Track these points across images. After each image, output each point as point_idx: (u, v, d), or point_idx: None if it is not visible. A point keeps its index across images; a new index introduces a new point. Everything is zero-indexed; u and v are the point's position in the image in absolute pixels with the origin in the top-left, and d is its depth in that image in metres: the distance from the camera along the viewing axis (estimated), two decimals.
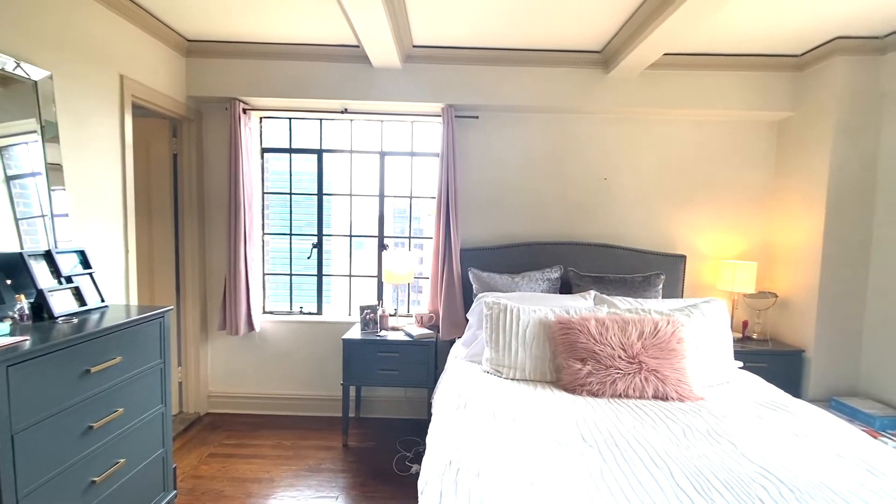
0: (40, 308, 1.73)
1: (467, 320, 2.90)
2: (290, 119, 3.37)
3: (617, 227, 3.27)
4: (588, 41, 2.78)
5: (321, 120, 3.35)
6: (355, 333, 2.97)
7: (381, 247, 3.41)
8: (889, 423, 2.46)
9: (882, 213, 2.73)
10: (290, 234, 3.46)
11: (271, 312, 3.46)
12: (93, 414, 1.65)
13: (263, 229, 3.43)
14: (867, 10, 2.32)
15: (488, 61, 2.98)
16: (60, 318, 1.74)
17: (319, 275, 3.44)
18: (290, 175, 3.42)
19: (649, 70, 2.94)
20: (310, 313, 3.46)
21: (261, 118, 3.37)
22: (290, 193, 3.43)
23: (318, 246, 3.41)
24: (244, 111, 3.05)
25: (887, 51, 2.64)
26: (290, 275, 3.48)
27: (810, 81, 2.91)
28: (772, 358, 2.89)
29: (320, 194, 3.39)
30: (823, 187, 2.80)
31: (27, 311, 1.67)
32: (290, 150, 3.40)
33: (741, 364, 2.58)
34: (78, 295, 1.90)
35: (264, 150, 3.40)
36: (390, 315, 3.23)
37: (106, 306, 2.02)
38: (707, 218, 3.27)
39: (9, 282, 1.71)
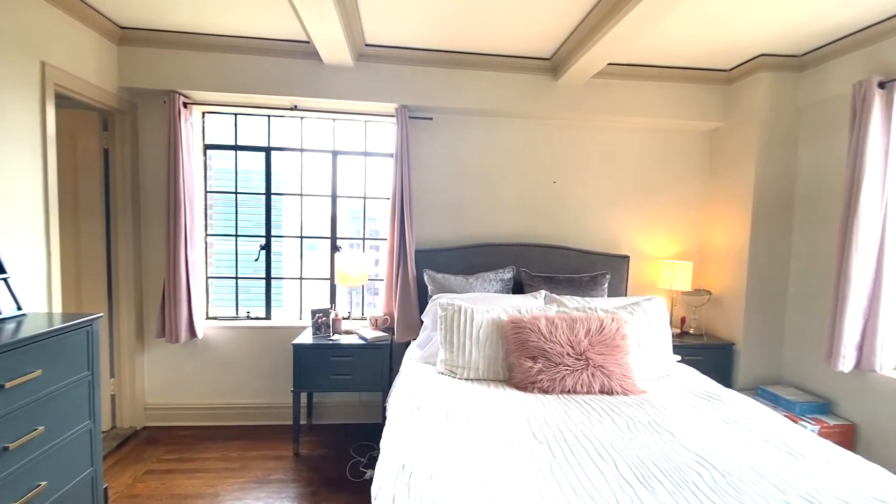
0: None
1: (422, 322, 2.89)
2: (235, 115, 3.22)
3: (566, 228, 3.39)
4: (538, 48, 2.85)
5: (269, 116, 3.23)
6: (307, 338, 2.88)
7: (334, 248, 3.33)
8: (807, 408, 2.70)
9: (798, 220, 2.99)
10: (236, 236, 3.30)
11: (215, 318, 3.29)
12: (8, 433, 1.50)
13: (206, 230, 3.26)
14: (787, 30, 2.54)
15: (442, 63, 2.99)
16: None
17: (268, 278, 3.31)
18: (236, 173, 3.27)
19: (595, 79, 3.07)
20: (258, 318, 3.32)
21: (203, 113, 3.19)
22: (236, 193, 3.28)
23: (267, 248, 3.28)
24: (185, 105, 2.89)
25: (805, 68, 2.90)
26: (236, 278, 3.33)
27: (738, 94, 3.15)
28: (706, 351, 3.10)
29: (268, 194, 3.26)
30: (750, 194, 3.03)
31: None
32: (236, 148, 3.25)
33: (679, 358, 2.73)
34: None
35: (207, 147, 3.23)
36: (343, 318, 3.16)
37: (24, 315, 1.84)
38: (648, 220, 3.45)
39: None
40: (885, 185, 2.36)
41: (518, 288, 3.13)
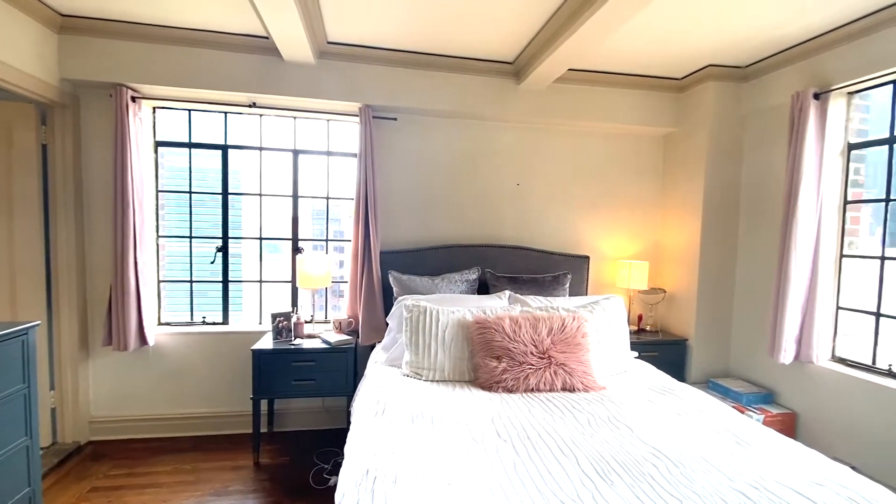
0: None
1: (387, 324, 2.86)
2: (189, 111, 3.08)
3: (530, 229, 3.45)
4: (501, 51, 2.89)
5: (226, 113, 3.11)
6: (267, 343, 2.79)
7: (295, 249, 3.25)
8: (753, 398, 2.86)
9: (744, 222, 3.18)
10: (190, 237, 3.16)
11: (168, 324, 3.13)
12: None
13: (158, 231, 3.10)
14: (733, 42, 2.69)
15: (406, 64, 2.97)
16: None
17: (225, 281, 3.18)
18: (190, 172, 3.13)
19: (557, 83, 3.14)
20: (214, 323, 3.18)
21: (154, 108, 3.04)
22: (190, 192, 3.14)
23: (224, 249, 3.16)
24: (133, 99, 2.73)
25: (749, 79, 3.08)
26: (191, 281, 3.18)
27: (689, 102, 3.31)
28: (661, 347, 3.23)
29: (225, 193, 3.14)
30: (700, 198, 3.19)
31: None
32: (190, 145, 3.11)
33: (637, 354, 2.84)
34: None
35: (158, 144, 3.07)
36: (306, 322, 3.08)
37: None
38: (607, 221, 3.57)
39: None
40: (820, 190, 2.54)
41: (483, 288, 3.15)
